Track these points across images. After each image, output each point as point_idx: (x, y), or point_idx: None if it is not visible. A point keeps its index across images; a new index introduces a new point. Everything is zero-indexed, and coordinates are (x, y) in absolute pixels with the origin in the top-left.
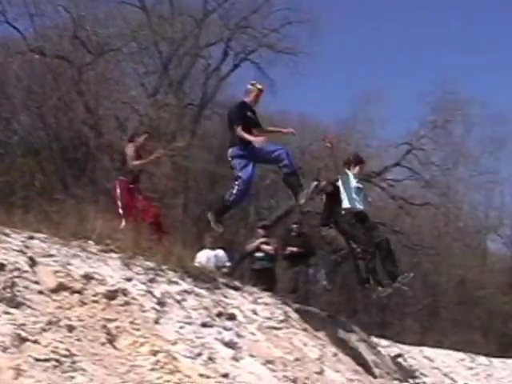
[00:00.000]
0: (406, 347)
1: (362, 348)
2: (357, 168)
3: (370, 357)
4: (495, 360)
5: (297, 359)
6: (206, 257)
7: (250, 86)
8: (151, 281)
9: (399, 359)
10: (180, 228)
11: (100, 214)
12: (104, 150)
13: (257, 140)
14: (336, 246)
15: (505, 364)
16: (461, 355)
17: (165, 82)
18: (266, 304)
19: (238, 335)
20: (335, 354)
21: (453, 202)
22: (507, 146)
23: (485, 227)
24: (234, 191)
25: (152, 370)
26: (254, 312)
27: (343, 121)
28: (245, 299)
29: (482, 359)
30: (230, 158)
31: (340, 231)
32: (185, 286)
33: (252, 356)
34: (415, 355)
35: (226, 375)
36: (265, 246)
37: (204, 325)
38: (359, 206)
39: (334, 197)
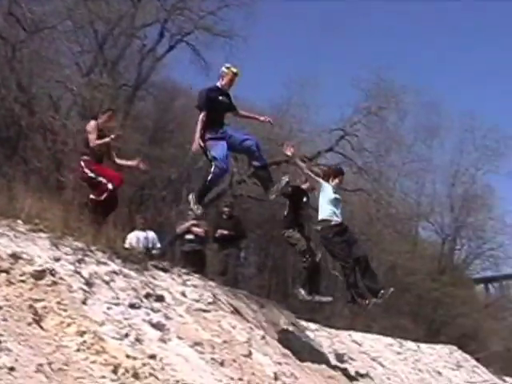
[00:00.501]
0: (334, 331)
1: (291, 331)
2: (336, 180)
3: (298, 340)
4: (423, 345)
5: (225, 342)
6: (136, 238)
7: (224, 69)
8: (80, 261)
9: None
10: None
11: (30, 194)
12: (36, 130)
13: (193, 145)
14: (300, 248)
15: (433, 349)
16: (389, 340)
17: (100, 62)
18: (195, 286)
19: (166, 317)
20: (263, 337)
21: (385, 188)
22: (440, 134)
23: (416, 214)
24: (212, 170)
25: (78, 350)
26: (183, 294)
27: (277, 105)
28: (174, 281)
29: (411, 344)
30: (202, 144)
31: (305, 238)
32: (113, 266)
33: (180, 338)
34: (344, 339)
35: (153, 356)
36: (195, 229)
37: (132, 306)
38: (337, 219)
39: (297, 200)
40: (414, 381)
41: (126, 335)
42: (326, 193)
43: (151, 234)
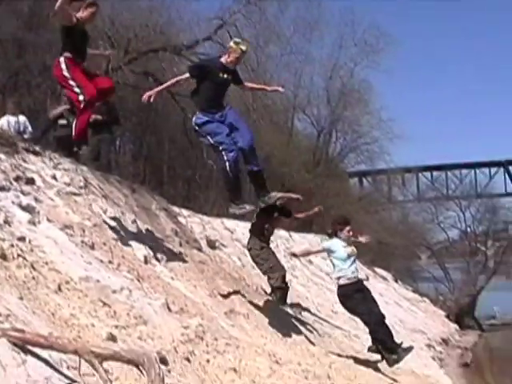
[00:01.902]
0: (206, 218)
1: (162, 216)
2: (344, 232)
3: (169, 225)
4: (295, 234)
5: (95, 225)
6: (6, 122)
7: (232, 45)
8: None
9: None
10: None
11: None
12: None
13: (147, 93)
14: (266, 269)
15: (304, 238)
16: None
17: None
18: (66, 170)
19: (36, 200)
20: (134, 221)
21: (262, 79)
22: (320, 27)
23: (293, 106)
24: (225, 158)
25: None
26: (54, 177)
27: None
28: (45, 164)
29: (283, 233)
30: (195, 127)
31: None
32: None
33: (49, 221)
34: (216, 226)
35: (21, 239)
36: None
37: (1, 188)
38: (356, 275)
39: (271, 212)
40: (286, 268)
41: None
42: (338, 252)
43: (22, 118)
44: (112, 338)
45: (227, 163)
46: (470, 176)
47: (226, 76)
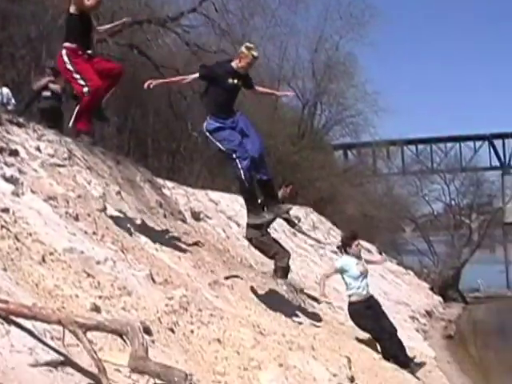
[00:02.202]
0: (191, 190)
1: (147, 188)
2: (353, 246)
3: (154, 197)
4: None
5: (79, 196)
6: None
7: (243, 50)
8: None
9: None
10: None
11: None
12: None
13: (154, 81)
14: (273, 254)
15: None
16: None
17: None
18: (50, 141)
19: (20, 171)
20: (118, 193)
21: None
22: (305, 0)
23: (278, 78)
24: (239, 166)
25: None
26: (38, 149)
27: None
28: (29, 136)
29: None
30: (207, 133)
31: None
32: None
33: (33, 192)
34: (200, 198)
35: (5, 210)
36: (52, 85)
37: None
38: (368, 292)
39: None
40: None
41: None
42: (350, 271)
43: (6, 90)
44: (96, 309)
45: (242, 171)
46: (455, 149)
47: (235, 81)
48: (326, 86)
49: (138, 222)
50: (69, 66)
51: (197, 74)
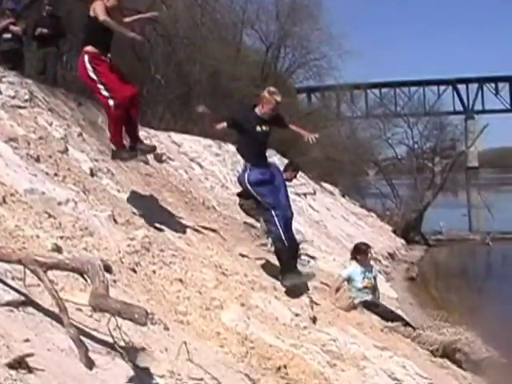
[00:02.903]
0: (153, 131)
1: None
2: (364, 257)
3: None
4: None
5: (40, 138)
6: None
7: (266, 95)
8: None
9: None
10: None
11: None
12: None
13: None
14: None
15: None
16: (209, 142)
17: None
18: (11, 83)
19: None
20: (80, 134)
21: None
22: None
23: (241, 21)
24: (275, 222)
25: None
26: None
27: None
28: None
29: (230, 146)
30: (248, 184)
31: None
32: None
33: None
34: (163, 140)
35: None
36: (13, 27)
37: None
38: (367, 298)
39: None
40: (233, 181)
41: None
42: (355, 282)
43: None
44: (57, 249)
45: (281, 230)
46: (419, 93)
47: (263, 128)
48: (289, 29)
49: (100, 163)
50: (92, 75)
51: (225, 124)
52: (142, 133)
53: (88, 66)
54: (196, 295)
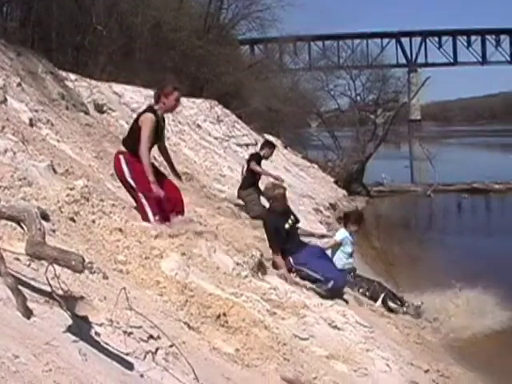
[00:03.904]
0: (94, 82)
1: (49, 80)
2: (355, 227)
3: (56, 89)
4: (183, 99)
5: None
6: None
7: (275, 193)
8: None
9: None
10: None
11: None
12: None
13: None
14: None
15: (193, 103)
16: (150, 92)
17: None
18: None
19: None
20: (19, 84)
21: None
22: None
23: None
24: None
25: None
26: None
27: None
28: None
29: None
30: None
31: None
32: None
33: None
34: (104, 90)
35: None
36: None
37: None
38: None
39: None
40: (174, 132)
41: None
42: (345, 247)
43: None
44: None
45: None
46: (362, 46)
47: (290, 222)
48: None
49: (40, 113)
50: (129, 180)
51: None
52: (83, 83)
53: (125, 168)
54: (136, 244)
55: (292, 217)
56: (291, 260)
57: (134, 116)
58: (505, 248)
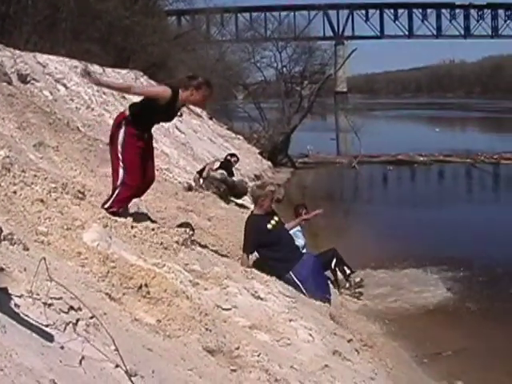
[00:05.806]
0: (18, 52)
1: None
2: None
3: None
4: (109, 69)
5: None
6: None
7: (261, 194)
8: None
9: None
10: None
11: None
12: None
13: None
14: None
15: (118, 73)
16: (75, 63)
17: None
18: None
19: None
20: None
21: None
22: None
23: None
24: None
25: None
26: None
27: None
28: None
29: (96, 67)
30: (299, 283)
31: None
32: None
33: None
34: (28, 60)
35: None
36: None
37: None
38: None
39: None
40: (98, 103)
41: None
42: (299, 239)
43: None
44: None
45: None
46: (289, 18)
47: (273, 222)
48: None
49: None
50: (119, 148)
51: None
52: (6, 53)
53: (120, 138)
54: (57, 215)
55: (275, 218)
56: (292, 274)
57: (59, 86)
58: (430, 218)
